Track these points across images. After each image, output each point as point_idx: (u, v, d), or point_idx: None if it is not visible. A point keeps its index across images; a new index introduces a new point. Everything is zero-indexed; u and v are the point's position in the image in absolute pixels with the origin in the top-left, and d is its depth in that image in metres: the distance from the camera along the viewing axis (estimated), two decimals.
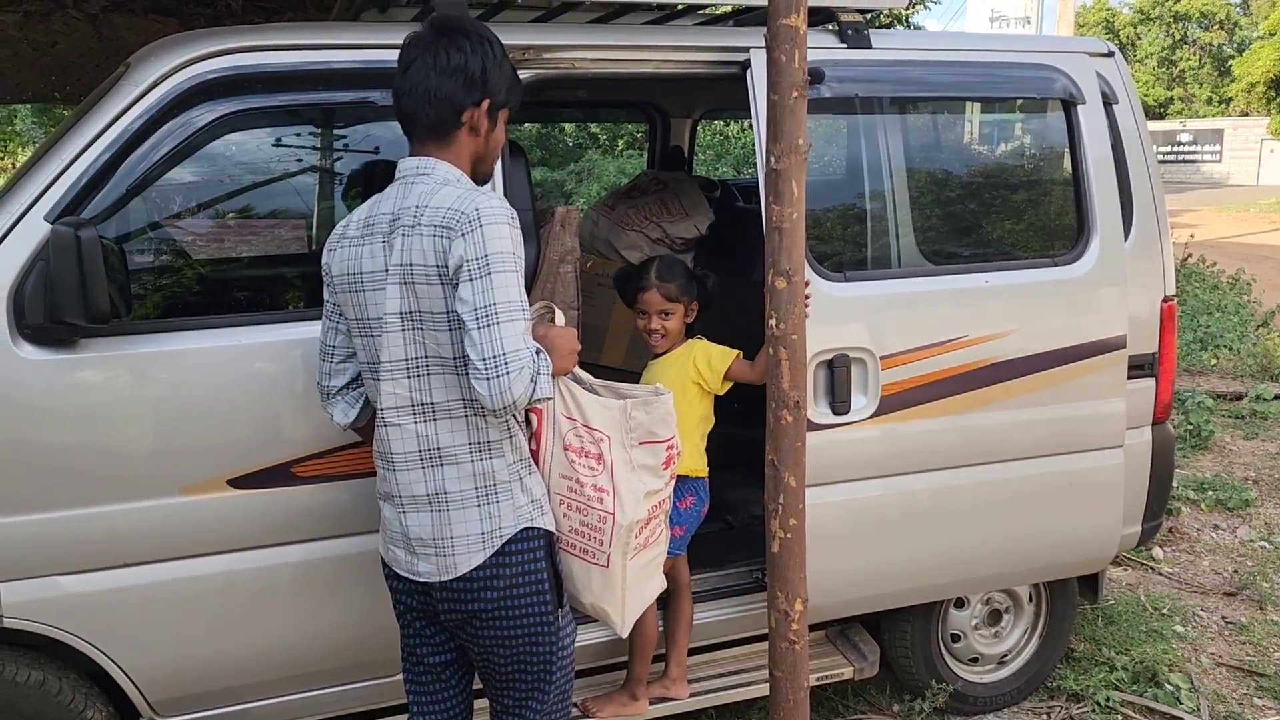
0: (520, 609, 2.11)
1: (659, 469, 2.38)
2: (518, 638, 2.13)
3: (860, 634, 3.33)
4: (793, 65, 2.27)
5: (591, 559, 2.32)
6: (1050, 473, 3.17)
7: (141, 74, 2.39)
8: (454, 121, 2.06)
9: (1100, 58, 3.31)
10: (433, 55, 2.04)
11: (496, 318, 1.89)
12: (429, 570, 2.10)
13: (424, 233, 1.96)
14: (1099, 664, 3.72)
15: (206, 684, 2.54)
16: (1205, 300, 9.68)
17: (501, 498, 2.07)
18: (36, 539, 2.33)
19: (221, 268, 3.16)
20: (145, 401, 2.38)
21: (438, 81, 2.03)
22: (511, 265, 1.94)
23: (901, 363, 2.93)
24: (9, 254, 2.25)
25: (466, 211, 1.94)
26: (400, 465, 2.08)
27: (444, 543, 2.07)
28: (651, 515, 2.40)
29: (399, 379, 2.04)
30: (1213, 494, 5.46)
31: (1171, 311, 3.37)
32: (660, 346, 2.88)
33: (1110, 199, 3.18)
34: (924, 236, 3.14)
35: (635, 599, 2.43)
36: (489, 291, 1.90)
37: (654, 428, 2.36)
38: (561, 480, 2.28)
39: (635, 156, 13.60)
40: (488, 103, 2.08)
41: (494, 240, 1.92)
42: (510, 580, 2.09)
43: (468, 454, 2.05)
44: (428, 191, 2.01)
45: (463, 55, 2.04)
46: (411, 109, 2.07)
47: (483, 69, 2.06)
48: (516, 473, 2.10)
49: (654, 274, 2.85)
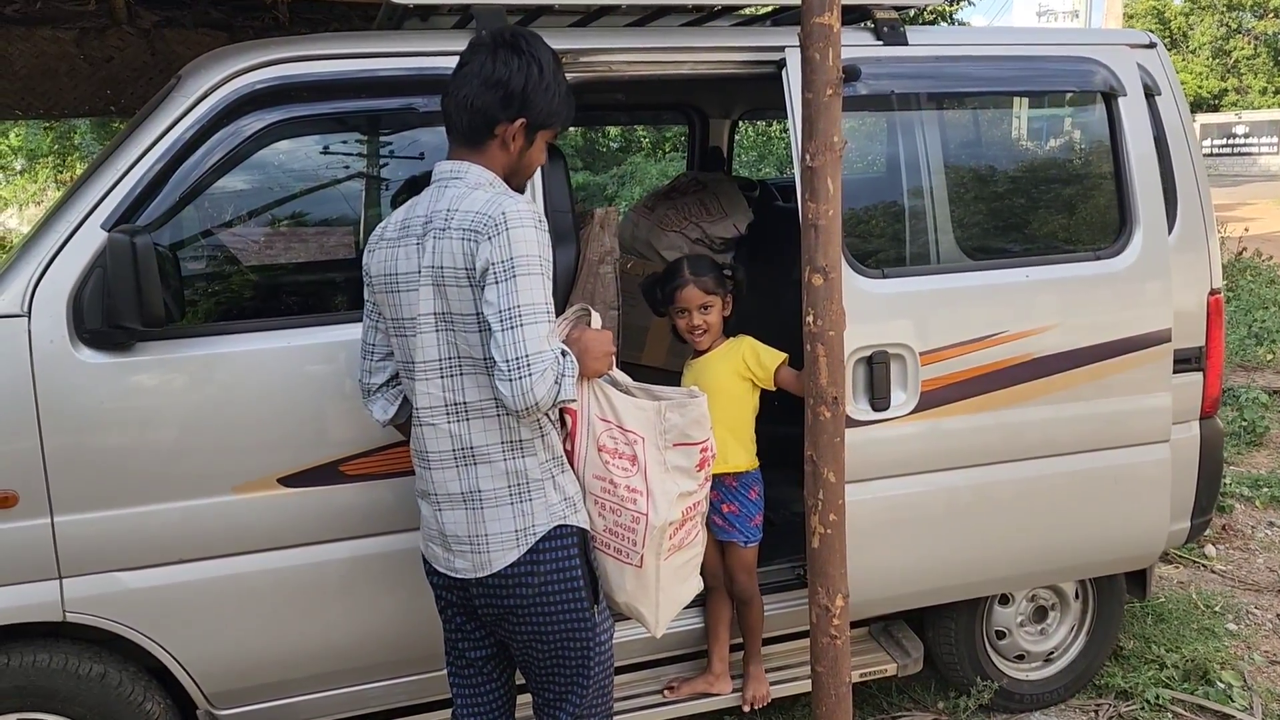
0: (555, 605, 2.14)
1: (693, 471, 2.38)
2: (554, 633, 2.16)
3: (904, 630, 3.32)
4: (827, 63, 2.29)
5: (625, 559, 2.33)
6: (1094, 468, 3.14)
7: (192, 85, 2.47)
8: (486, 131, 2.10)
9: (1141, 49, 3.28)
10: (480, 64, 2.09)
11: (520, 320, 1.93)
12: (465, 567, 2.15)
13: (454, 236, 2.00)
14: (1148, 661, 3.68)
15: (259, 677, 2.61)
16: (1261, 295, 9.47)
17: (534, 496, 2.11)
18: (97, 536, 2.41)
19: (270, 272, 3.23)
20: (199, 403, 2.45)
21: (478, 90, 2.08)
22: (537, 268, 1.97)
23: (942, 358, 2.93)
24: (68, 261, 2.33)
25: (493, 215, 1.97)
26: (435, 464, 2.13)
27: (479, 540, 2.11)
28: (686, 517, 2.41)
29: (433, 379, 2.09)
30: (1267, 490, 5.36)
31: (1219, 305, 3.33)
32: (704, 343, 2.90)
33: (1153, 191, 3.14)
34: (963, 232, 3.13)
35: (669, 600, 2.44)
36: (513, 294, 1.93)
37: (688, 430, 2.37)
38: (595, 481, 2.30)
39: (678, 159, 13.61)
40: (522, 121, 2.11)
41: (519, 243, 1.95)
42: (544, 577, 2.12)
43: (500, 453, 2.09)
44: (459, 195, 2.05)
45: (508, 70, 2.08)
46: (450, 110, 2.12)
47: (524, 88, 2.09)
48: (549, 471, 2.14)
49: (687, 270, 2.88)
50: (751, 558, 2.97)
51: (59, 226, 2.36)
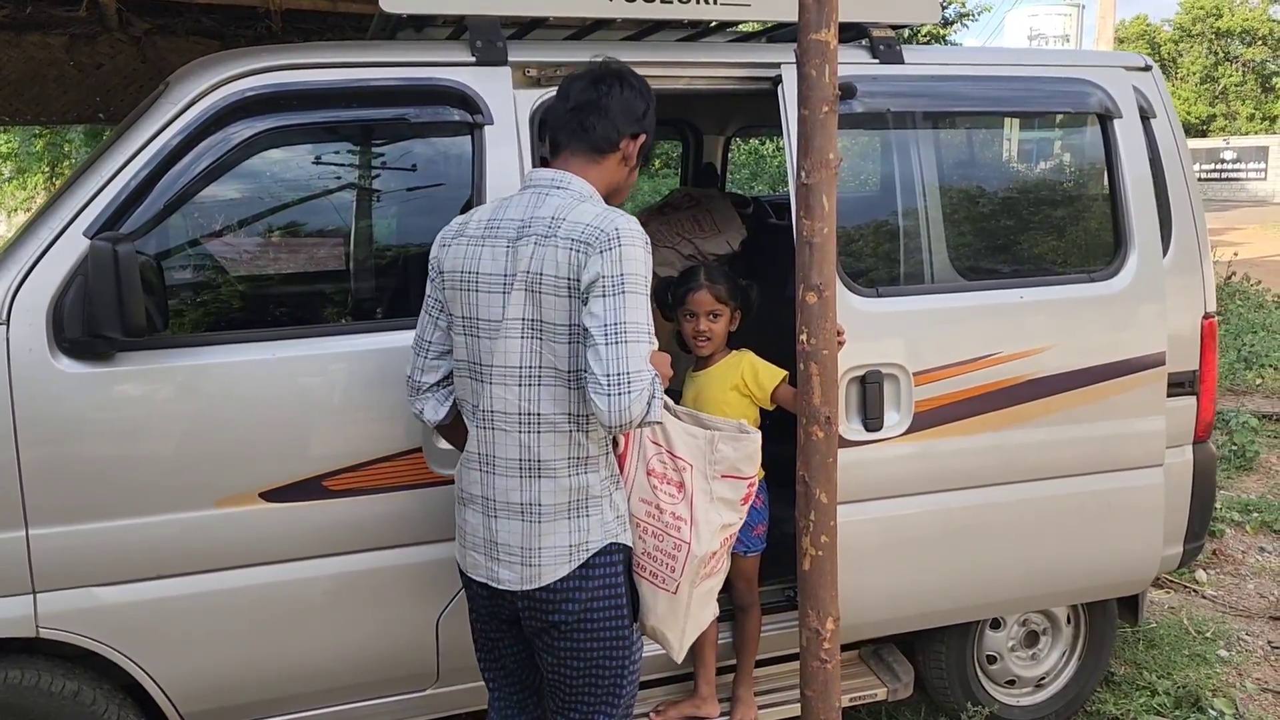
0: (598, 622, 2.15)
1: (737, 504, 2.37)
2: (593, 650, 2.17)
3: (894, 654, 3.29)
4: (823, 80, 2.27)
5: (661, 584, 2.29)
6: (1088, 492, 3.11)
7: (180, 92, 2.43)
8: (613, 144, 2.17)
9: (1137, 71, 3.27)
10: (606, 84, 2.17)
11: (625, 336, 1.93)
12: (510, 578, 2.13)
13: (560, 244, 2.00)
14: (1140, 688, 3.65)
15: (237, 696, 2.55)
16: (1250, 319, 9.51)
17: (592, 512, 2.12)
18: (73, 550, 2.36)
19: (257, 283, 3.19)
20: (180, 414, 2.40)
21: (610, 102, 2.15)
22: (643, 288, 1.99)
23: (935, 379, 2.90)
24: (49, 269, 2.29)
25: (606, 229, 1.99)
26: (501, 470, 2.12)
27: (531, 553, 2.10)
28: (722, 546, 2.39)
29: (510, 385, 2.08)
30: (1258, 515, 5.35)
31: (1212, 329, 3.31)
32: (705, 349, 2.88)
33: (1148, 214, 3.13)
34: (957, 252, 3.11)
35: (694, 625, 2.41)
36: (621, 310, 1.94)
37: (739, 464, 2.36)
38: (641, 504, 2.28)
39: (670, 176, 13.63)
40: (644, 138, 2.21)
41: (630, 261, 1.97)
42: (592, 593, 2.13)
43: (565, 468, 2.09)
44: (564, 205, 2.06)
45: (635, 93, 2.20)
46: (576, 120, 2.15)
47: (646, 111, 2.21)
48: (608, 488, 2.15)
49: (704, 275, 2.87)
50: (751, 568, 2.93)
51: (41, 233, 2.32)
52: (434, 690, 2.73)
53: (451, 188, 2.76)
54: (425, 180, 2.92)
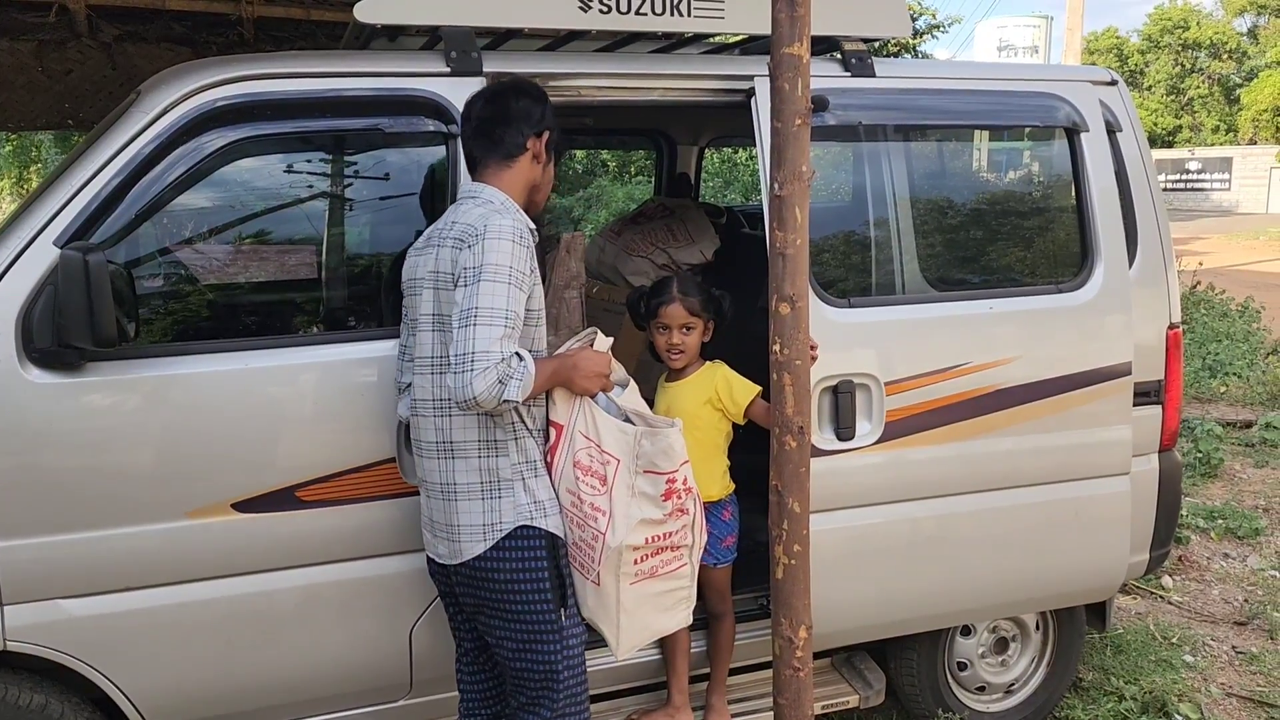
0: (520, 603, 2.28)
1: (658, 499, 2.37)
2: (521, 631, 2.30)
3: (866, 661, 3.31)
4: (796, 93, 2.29)
5: (585, 574, 2.39)
6: (1056, 500, 3.15)
7: (152, 101, 2.42)
8: (521, 146, 2.35)
9: (1103, 86, 3.32)
10: (503, 97, 2.37)
11: (475, 319, 2.08)
12: (445, 553, 2.33)
13: (447, 244, 2.23)
14: (1108, 694, 3.69)
15: (208, 709, 2.53)
16: (1214, 328, 9.64)
17: (504, 494, 2.27)
18: (41, 562, 2.33)
19: (229, 292, 3.17)
20: (151, 425, 2.38)
21: (510, 111, 2.35)
22: (504, 277, 2.12)
23: (906, 389, 2.93)
24: (18, 279, 2.27)
25: (477, 226, 2.18)
26: (425, 453, 2.32)
27: (453, 529, 2.29)
28: (654, 543, 2.39)
29: (424, 374, 2.29)
30: (1222, 522, 5.42)
31: (1177, 339, 3.36)
32: (678, 363, 2.88)
33: (1114, 226, 3.18)
34: (928, 263, 3.15)
35: (636, 625, 2.43)
36: (475, 296, 2.10)
37: (655, 459, 2.37)
38: (567, 494, 2.36)
39: (644, 183, 13.66)
40: (548, 135, 2.39)
41: (492, 252, 2.13)
42: (509, 573, 2.27)
43: (475, 450, 2.25)
44: (466, 210, 2.27)
45: (529, 99, 2.39)
46: (485, 132, 2.35)
47: (543, 112, 2.39)
48: (520, 473, 2.28)
49: (676, 288, 2.87)
50: (722, 578, 2.94)
51: (10, 242, 2.29)
52: (407, 700, 2.72)
53: (425, 198, 2.76)
54: (399, 190, 2.91)
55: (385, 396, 2.51)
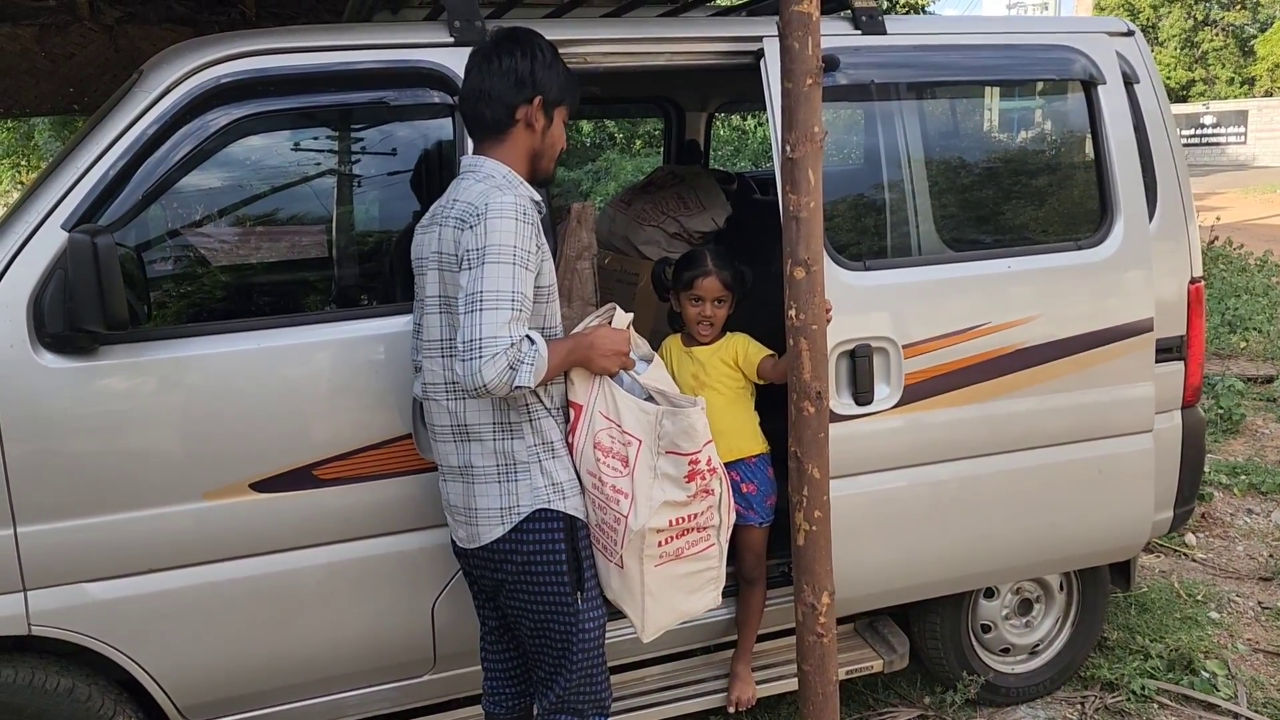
0: (538, 585, 2.26)
1: (681, 481, 2.33)
2: (538, 613, 2.29)
3: (889, 626, 3.30)
4: (806, 52, 2.25)
5: (608, 556, 2.36)
6: (1078, 459, 3.12)
7: (154, 80, 2.39)
8: (508, 118, 2.23)
9: (1120, 37, 3.26)
10: (486, 61, 2.24)
11: (480, 304, 2.02)
12: (464, 537, 2.31)
13: (449, 224, 2.16)
14: (1133, 652, 3.67)
15: (232, 688, 2.54)
16: (1233, 283, 9.55)
17: (520, 477, 2.22)
18: (62, 547, 2.33)
19: (240, 272, 3.16)
20: (167, 407, 2.38)
21: (490, 83, 2.22)
22: (509, 258, 2.05)
23: (924, 351, 2.90)
24: (28, 263, 2.26)
25: (478, 205, 2.10)
26: (439, 437, 2.29)
27: (471, 513, 2.26)
28: (678, 525, 2.36)
29: (434, 357, 2.25)
30: (1245, 478, 5.38)
31: (1199, 294, 3.32)
32: (707, 336, 2.88)
33: (1134, 180, 3.13)
34: (944, 223, 3.10)
35: (663, 608, 2.41)
36: (479, 280, 2.03)
37: (677, 439, 2.33)
38: (588, 476, 2.32)
39: (652, 155, 13.57)
40: (539, 99, 2.24)
41: (495, 233, 2.05)
42: (527, 556, 2.24)
43: (490, 433, 2.21)
44: (467, 187, 2.18)
45: (512, 59, 2.23)
46: (471, 110, 2.26)
47: (531, 70, 2.23)
48: (536, 455, 2.24)
49: (711, 261, 2.85)
50: (762, 541, 2.94)
51: (17, 228, 2.28)
52: (431, 676, 2.72)
53: (432, 170, 2.73)
54: (406, 163, 2.89)
55: (400, 372, 2.50)
